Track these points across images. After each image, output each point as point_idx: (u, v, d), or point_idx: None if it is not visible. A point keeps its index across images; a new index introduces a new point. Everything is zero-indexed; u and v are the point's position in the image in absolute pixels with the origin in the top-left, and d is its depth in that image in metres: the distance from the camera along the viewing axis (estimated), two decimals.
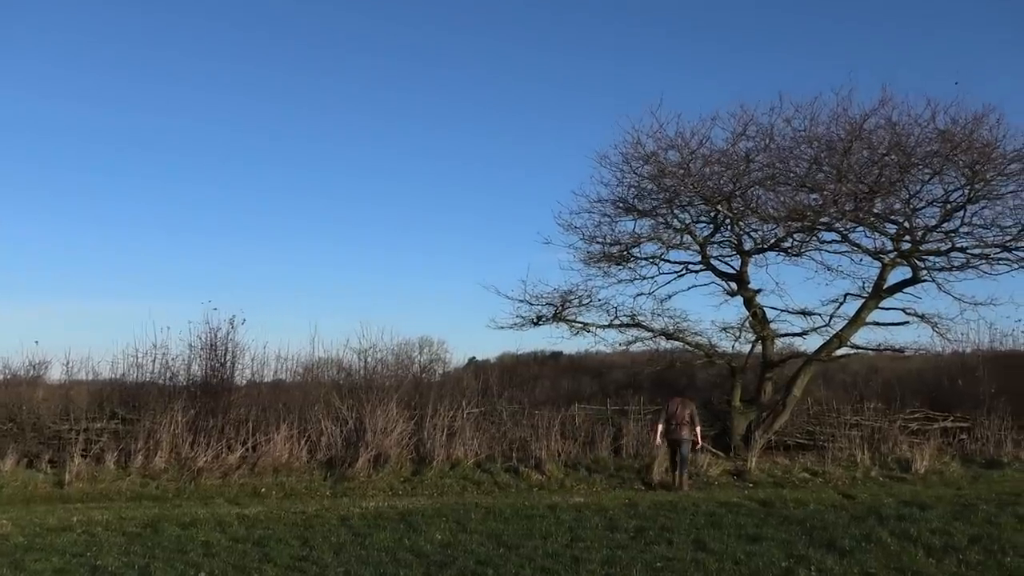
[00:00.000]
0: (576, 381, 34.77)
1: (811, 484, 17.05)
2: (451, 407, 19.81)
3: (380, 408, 19.05)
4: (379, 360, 21.91)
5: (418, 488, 16.93)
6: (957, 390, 22.16)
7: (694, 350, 21.74)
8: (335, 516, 13.23)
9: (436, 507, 14.05)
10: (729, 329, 21.52)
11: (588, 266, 21.67)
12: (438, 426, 19.16)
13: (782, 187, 19.92)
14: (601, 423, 20.24)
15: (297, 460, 18.57)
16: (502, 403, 21.18)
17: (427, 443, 19.00)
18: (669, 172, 19.99)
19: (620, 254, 21.52)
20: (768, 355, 21.24)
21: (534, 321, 21.58)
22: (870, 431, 20.35)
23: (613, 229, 21.44)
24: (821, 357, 20.83)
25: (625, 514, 13.12)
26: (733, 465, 18.64)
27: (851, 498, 14.77)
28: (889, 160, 19.12)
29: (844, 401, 21.79)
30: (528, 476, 17.70)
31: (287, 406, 19.82)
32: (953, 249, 19.58)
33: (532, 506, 13.95)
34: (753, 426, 20.27)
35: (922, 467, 18.19)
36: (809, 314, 21.25)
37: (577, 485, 17.15)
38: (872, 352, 21.57)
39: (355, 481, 17.35)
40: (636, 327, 21.54)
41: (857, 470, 18.20)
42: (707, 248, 21.41)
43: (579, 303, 21.57)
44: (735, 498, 14.74)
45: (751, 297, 21.27)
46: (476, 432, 19.45)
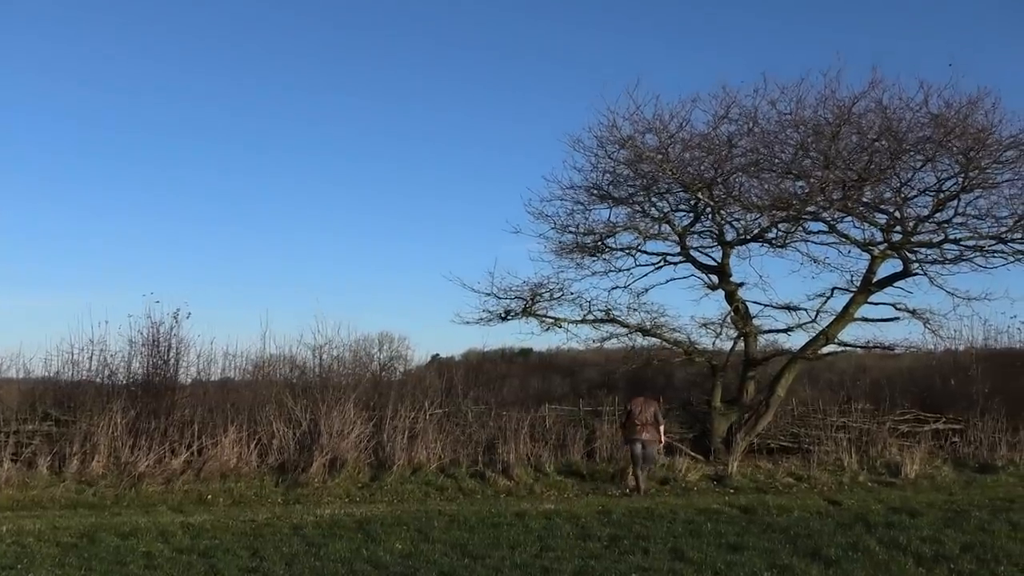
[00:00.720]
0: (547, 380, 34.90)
1: (795, 490, 17.18)
2: (413, 408, 19.76)
3: (336, 409, 18.97)
4: (335, 357, 21.84)
5: (377, 494, 16.88)
6: (949, 390, 22.38)
7: (672, 347, 21.81)
8: (287, 525, 13.16)
9: (396, 515, 14.02)
10: (709, 325, 21.64)
11: (560, 257, 21.73)
12: (399, 428, 19.11)
13: (766, 174, 20.03)
14: (573, 425, 20.27)
15: (246, 465, 18.45)
16: (467, 403, 21.15)
17: (387, 446, 18.94)
18: (646, 157, 20.02)
19: (594, 244, 21.55)
20: (751, 353, 21.36)
21: (502, 316, 21.56)
22: (858, 433, 20.54)
23: (587, 218, 21.51)
24: (807, 355, 20.99)
25: (598, 522, 13.15)
26: (713, 470, 18.74)
27: (837, 504, 14.90)
28: (879, 146, 19.26)
29: (830, 402, 21.97)
30: (495, 481, 17.71)
31: (236, 407, 19.67)
32: (946, 241, 19.78)
33: (499, 513, 13.95)
34: (734, 428, 20.38)
35: (912, 471, 18.37)
36: (794, 309, 21.41)
37: (547, 491, 17.18)
38: (860, 350, 21.75)
39: (309, 487, 17.27)
40: (611, 322, 21.58)
41: (844, 475, 18.36)
42: (687, 239, 21.49)
43: (550, 297, 21.60)
44: (715, 504, 14.82)
45: (733, 291, 21.37)
46: (439, 434, 19.41)
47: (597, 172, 21.09)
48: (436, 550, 11.16)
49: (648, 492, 16.84)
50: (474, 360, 35.61)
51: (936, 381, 23.38)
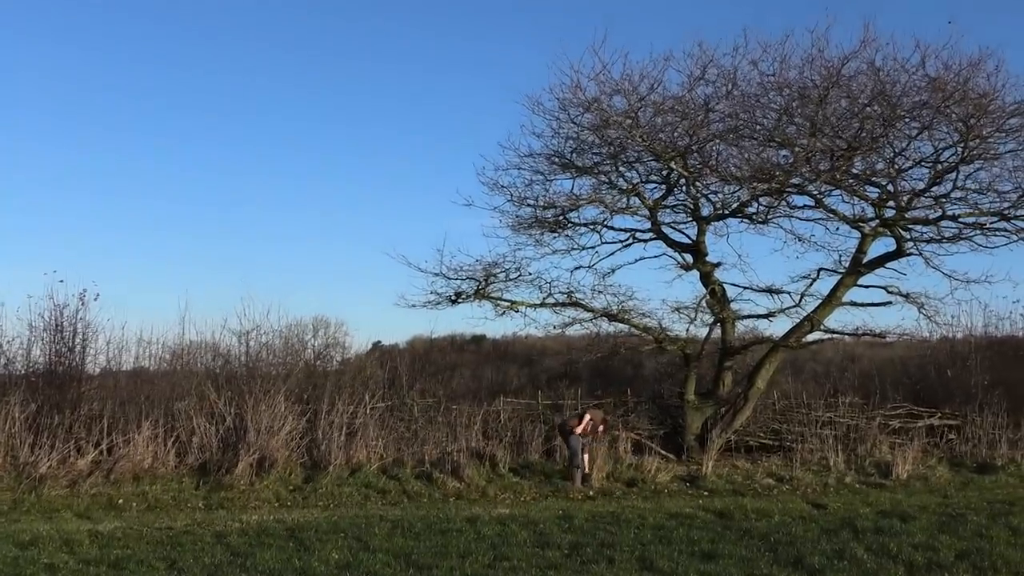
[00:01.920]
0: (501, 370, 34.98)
1: (776, 492, 17.33)
2: (351, 401, 19.71)
3: (265, 402, 18.86)
4: (264, 344, 21.71)
5: (311, 498, 16.82)
6: (946, 382, 22.66)
7: (641, 334, 21.91)
8: (209, 533, 13.07)
9: (332, 521, 13.98)
10: (683, 310, 21.66)
11: (517, 233, 21.75)
12: (335, 424, 19.05)
13: (746, 142, 20.12)
14: (531, 420, 20.33)
15: (163, 465, 18.31)
16: (413, 396, 21.14)
17: (322, 444, 18.87)
18: (614, 122, 20.03)
19: (555, 219, 21.58)
20: (728, 340, 21.52)
21: (452, 299, 21.55)
22: (845, 430, 20.76)
23: (547, 189, 21.53)
24: (790, 343, 21.18)
25: (558, 528, 13.20)
26: (686, 470, 18.87)
27: (822, 508, 15.06)
28: (871, 112, 19.39)
29: (815, 395, 22.24)
30: (444, 483, 17.70)
31: (151, 399, 19.51)
32: (943, 217, 19.99)
33: (448, 519, 13.96)
34: (709, 424, 20.55)
35: (904, 472, 18.58)
36: (776, 292, 21.61)
37: (502, 494, 17.20)
38: (849, 337, 22.00)
39: (234, 490, 17.17)
40: (573, 306, 21.64)
41: (829, 475, 18.54)
42: (658, 213, 21.57)
43: (506, 277, 21.64)
44: (687, 508, 14.92)
45: (709, 272, 21.50)
46: (381, 431, 19.39)
47: (559, 138, 21.13)
48: (377, 560, 11.14)
49: (581, 491, 17.21)
50: (421, 348, 35.57)
51: (931, 372, 23.68)
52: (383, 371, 23.08)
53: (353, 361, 27.24)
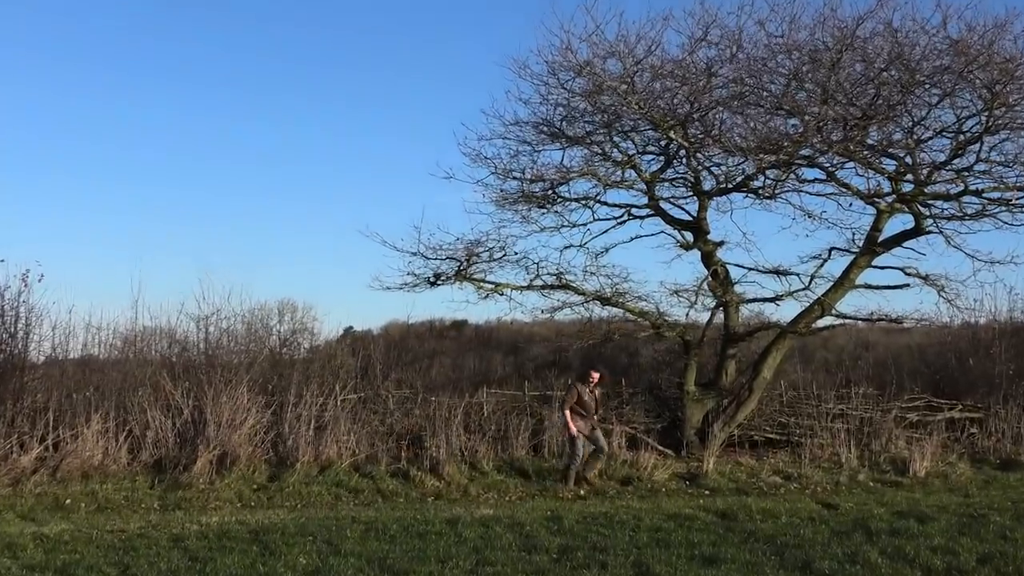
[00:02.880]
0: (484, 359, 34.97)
1: (783, 491, 17.40)
2: (321, 392, 19.71)
3: (226, 393, 18.84)
4: (225, 330, 21.67)
5: (276, 498, 16.81)
6: (967, 371, 22.73)
7: (637, 319, 21.92)
8: (165, 536, 13.05)
9: (300, 523, 13.97)
10: (682, 293, 21.62)
11: (502, 209, 21.69)
12: (303, 417, 19.05)
13: (752, 109, 20.10)
14: (517, 413, 20.34)
15: (115, 462, 18.28)
16: (388, 387, 21.13)
17: (288, 439, 18.88)
18: (608, 87, 20.00)
19: (543, 194, 21.54)
20: (731, 326, 21.56)
21: (431, 280, 21.50)
22: (858, 423, 20.83)
23: (535, 161, 21.47)
24: (798, 329, 21.21)
25: (547, 530, 13.21)
26: (685, 467, 18.92)
27: (833, 508, 15.11)
28: (888, 77, 19.39)
29: (826, 385, 22.23)
30: (422, 482, 17.71)
31: (101, 390, 19.46)
32: (966, 192, 19.99)
33: (426, 520, 13.96)
34: (711, 417, 20.59)
35: (922, 469, 18.66)
36: (784, 274, 21.60)
37: (485, 493, 17.22)
38: (862, 323, 22.02)
39: (193, 489, 17.16)
40: (563, 289, 21.63)
41: (841, 473, 18.61)
42: (656, 187, 21.57)
43: (490, 257, 21.58)
44: (687, 509, 14.95)
45: (711, 251, 21.51)
46: (353, 425, 19.38)
47: (547, 105, 21.06)
48: (349, 565, 11.14)
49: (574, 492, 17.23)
50: (396, 334, 35.55)
51: (952, 361, 23.73)
52: (355, 359, 23.07)
53: (323, 349, 27.22)
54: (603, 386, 18.51)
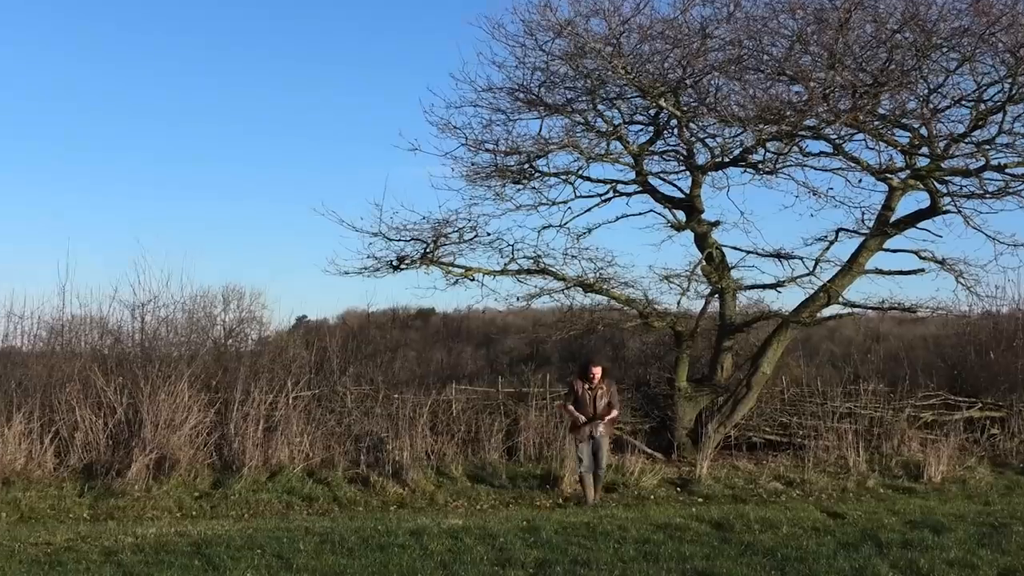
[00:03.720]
0: (454, 352, 35.01)
1: (784, 498, 17.48)
2: (270, 389, 19.68)
3: (164, 390, 18.79)
4: (163, 320, 21.63)
5: (221, 506, 16.80)
6: (988, 366, 22.84)
7: (623, 307, 21.95)
8: (96, 549, 13.00)
9: (247, 534, 13.93)
10: (673, 278, 21.63)
11: (473, 185, 21.62)
12: (251, 417, 19.02)
13: (751, 75, 20.10)
14: (489, 412, 20.35)
15: (39, 467, 18.22)
16: (346, 383, 21.10)
17: (234, 441, 18.85)
18: (591, 50, 19.98)
19: (519, 168, 21.50)
20: (728, 315, 21.59)
21: (393, 264, 21.46)
22: (867, 424, 20.93)
23: (510, 131, 21.41)
24: (802, 318, 21.25)
25: (522, 542, 13.22)
26: (676, 471, 18.98)
27: (840, 517, 15.17)
28: (901, 39, 19.41)
29: (833, 382, 22.35)
30: (383, 489, 17.73)
31: (24, 387, 19.43)
32: (987, 167, 20.01)
33: (388, 531, 13.95)
34: (705, 416, 20.62)
35: (938, 474, 18.77)
36: (786, 258, 21.63)
37: (454, 501, 17.26)
38: (873, 312, 22.14)
39: (127, 497, 17.13)
40: (541, 274, 21.62)
41: (849, 478, 18.71)
42: (644, 161, 21.57)
43: (459, 238, 21.54)
44: (678, 518, 14.98)
45: (705, 232, 21.54)
46: (307, 426, 19.38)
47: (524, 69, 21.00)
48: None
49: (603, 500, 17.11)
50: (355, 324, 35.40)
51: (971, 354, 23.85)
52: (309, 352, 23.03)
53: (273, 340, 27.16)
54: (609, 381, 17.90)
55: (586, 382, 17.53)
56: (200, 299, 23.71)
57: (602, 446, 17.32)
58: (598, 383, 17.52)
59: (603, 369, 17.76)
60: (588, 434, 17.21)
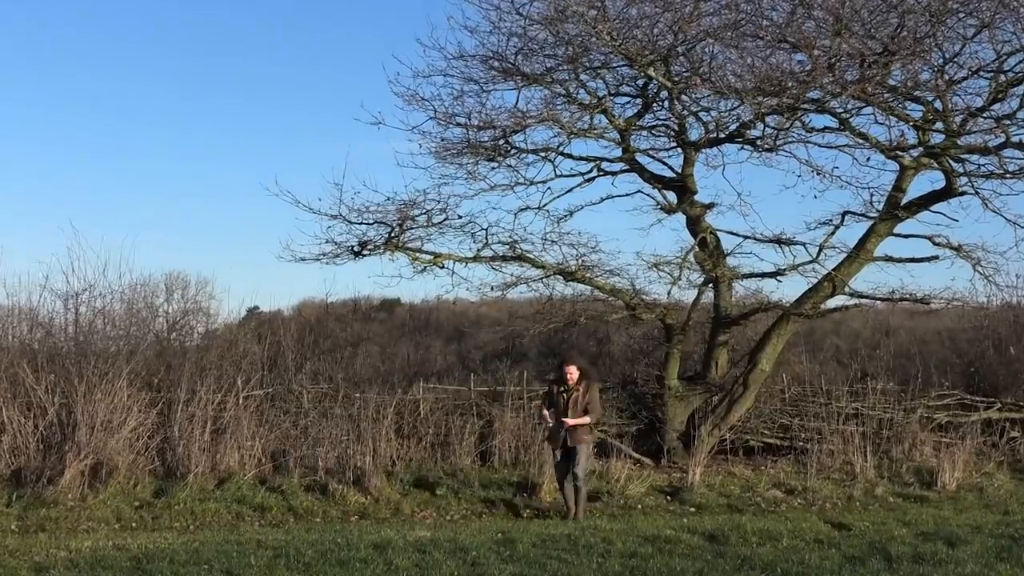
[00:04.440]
0: (421, 346, 34.99)
1: (785, 507, 17.54)
2: (219, 388, 19.62)
3: (101, 389, 18.71)
4: (100, 311, 21.51)
5: (163, 517, 16.75)
6: (1008, 363, 22.91)
7: (608, 298, 21.95)
8: (26, 564, 12.94)
9: (193, 548, 13.89)
10: (663, 266, 21.62)
11: (443, 162, 21.59)
12: (197, 418, 18.97)
13: (750, 42, 20.08)
14: (461, 413, 20.35)
15: None
16: (302, 381, 21.07)
17: (179, 445, 18.78)
18: (573, 13, 19.91)
19: (494, 144, 21.45)
20: (723, 307, 21.61)
21: (355, 250, 21.40)
22: (876, 426, 20.98)
23: (483, 103, 21.33)
24: (804, 310, 21.28)
25: (497, 556, 13.22)
26: (666, 478, 19.01)
27: (845, 529, 15.22)
28: (914, 4, 19.44)
29: (838, 380, 22.41)
30: (343, 498, 17.71)
31: None
32: (1007, 145, 20.01)
33: (349, 545, 13.93)
34: (698, 418, 20.65)
35: (953, 481, 18.85)
36: (787, 243, 21.64)
37: (421, 511, 17.25)
38: (882, 303, 22.16)
39: (59, 507, 17.06)
40: (518, 261, 21.60)
41: (855, 486, 18.77)
42: (631, 137, 21.55)
43: (428, 221, 21.47)
44: (668, 530, 14.99)
45: (698, 215, 21.55)
46: (260, 428, 19.33)
47: (499, 35, 20.89)
48: None
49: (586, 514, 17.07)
50: (312, 316, 35.46)
51: (989, 350, 23.94)
52: (262, 347, 23.00)
53: (221, 334, 27.12)
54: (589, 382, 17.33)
55: (561, 384, 17.22)
56: (140, 288, 23.64)
57: (578, 456, 16.85)
58: (574, 385, 17.08)
59: (580, 370, 17.32)
60: (561, 443, 16.95)
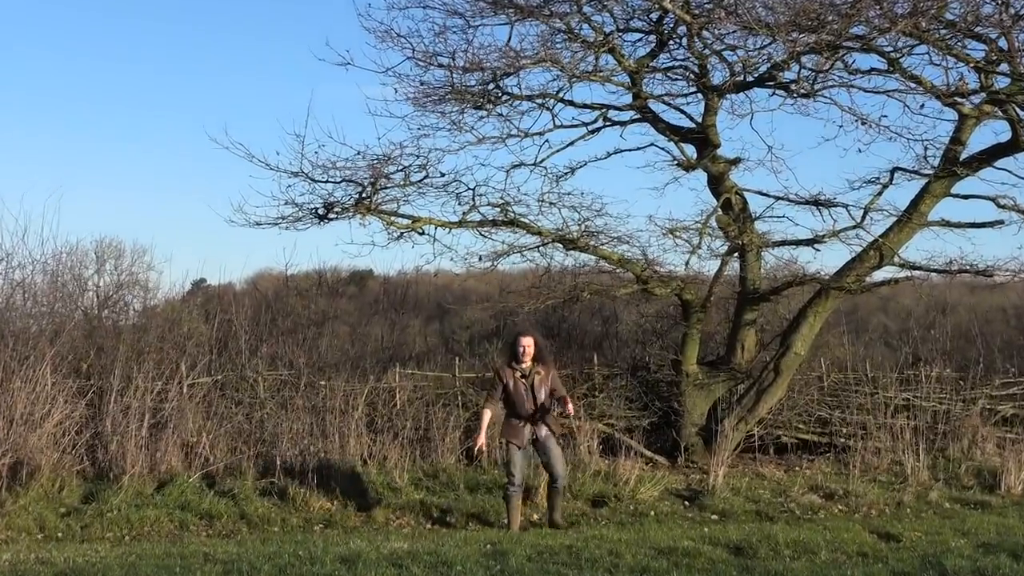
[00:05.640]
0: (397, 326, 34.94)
1: (823, 515, 17.56)
2: (159, 374, 19.65)
3: (21, 375, 18.74)
4: (18, 284, 21.55)
5: (95, 526, 16.75)
6: None
7: (616, 269, 21.93)
8: None
9: (129, 562, 13.91)
10: (680, 232, 21.57)
11: (422, 111, 21.52)
12: (133, 410, 18.98)
13: None
14: (444, 404, 20.38)
15: None
16: (258, 367, 21.08)
17: (111, 442, 18.80)
18: None
19: (483, 89, 21.40)
20: (751, 280, 21.60)
21: (319, 213, 21.36)
22: (930, 419, 21.00)
23: (470, 41, 21.26)
24: (847, 284, 21.24)
25: (485, 571, 13.22)
26: (684, 480, 19.04)
27: (894, 540, 15.23)
28: None
29: (886, 365, 22.42)
30: (306, 503, 17.71)
31: None
32: None
33: (312, 558, 13.93)
34: (721, 410, 20.67)
35: (1019, 483, 18.85)
36: (827, 205, 21.62)
37: (398, 518, 17.26)
38: (937, 276, 22.15)
39: None
40: (510, 226, 21.56)
41: (906, 490, 18.78)
42: (643, 81, 21.51)
43: (405, 180, 21.41)
44: (687, 540, 14.97)
45: (722, 173, 21.52)
46: (207, 422, 19.36)
47: None
48: None
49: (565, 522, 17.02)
50: (269, 290, 35.41)
51: None
52: (210, 327, 23.01)
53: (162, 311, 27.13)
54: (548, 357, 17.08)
55: (516, 364, 16.60)
56: (66, 258, 23.68)
57: (552, 451, 16.63)
58: (533, 365, 16.55)
59: (535, 342, 16.73)
60: (528, 437, 16.59)
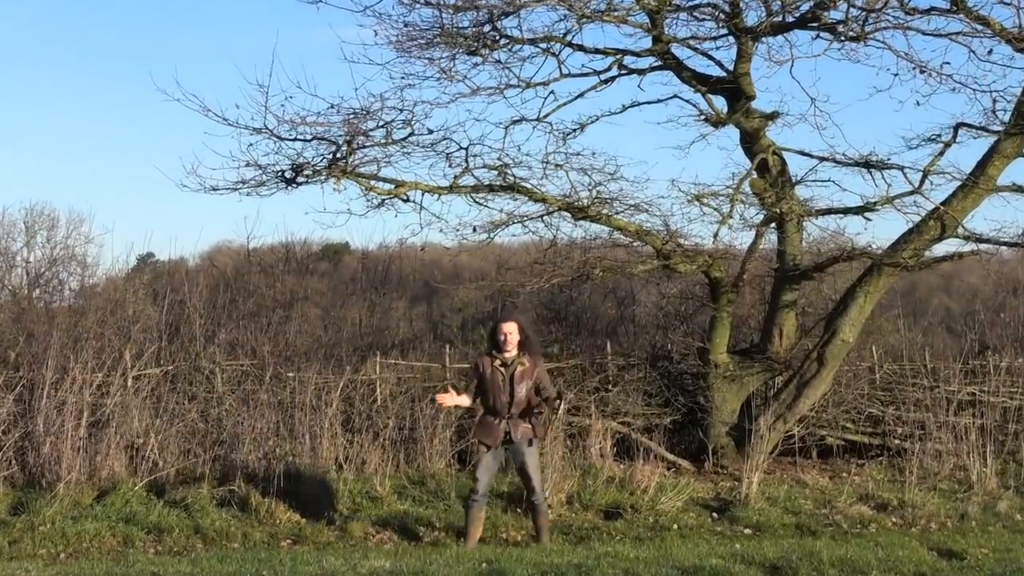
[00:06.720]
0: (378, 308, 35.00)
1: (875, 528, 17.55)
2: (99, 365, 19.61)
3: None
4: None
5: (24, 541, 16.73)
6: None
7: (633, 242, 21.88)
8: None
9: None
10: (708, 198, 21.56)
11: (407, 57, 21.46)
12: (70, 407, 18.95)
13: None
14: (432, 399, 20.34)
15: None
16: (214, 356, 21.07)
17: (44, 444, 18.77)
18: None
19: (477, 32, 21.31)
20: (791, 254, 21.56)
21: (287, 177, 21.27)
22: (1000, 418, 20.97)
23: None
24: (902, 260, 21.19)
25: None
26: (712, 488, 19.04)
27: (957, 557, 15.21)
28: None
29: (948, 355, 22.40)
30: (271, 514, 17.69)
31: None
32: None
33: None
34: (755, 406, 20.64)
35: None
36: (879, 167, 21.56)
37: (379, 532, 17.25)
38: (1008, 251, 22.13)
39: None
40: (509, 191, 21.51)
41: (971, 499, 18.75)
42: (665, 21, 21.42)
43: (387, 138, 21.33)
44: (715, 558, 14.95)
45: (757, 129, 21.47)
46: (156, 420, 19.33)
47: None
48: None
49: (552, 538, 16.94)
50: (228, 267, 35.49)
51: None
52: (159, 309, 22.99)
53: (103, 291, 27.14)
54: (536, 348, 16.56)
55: (498, 354, 16.15)
56: None
57: (525, 456, 16.14)
58: (516, 355, 16.09)
59: (519, 328, 16.27)
60: (501, 437, 16.07)
